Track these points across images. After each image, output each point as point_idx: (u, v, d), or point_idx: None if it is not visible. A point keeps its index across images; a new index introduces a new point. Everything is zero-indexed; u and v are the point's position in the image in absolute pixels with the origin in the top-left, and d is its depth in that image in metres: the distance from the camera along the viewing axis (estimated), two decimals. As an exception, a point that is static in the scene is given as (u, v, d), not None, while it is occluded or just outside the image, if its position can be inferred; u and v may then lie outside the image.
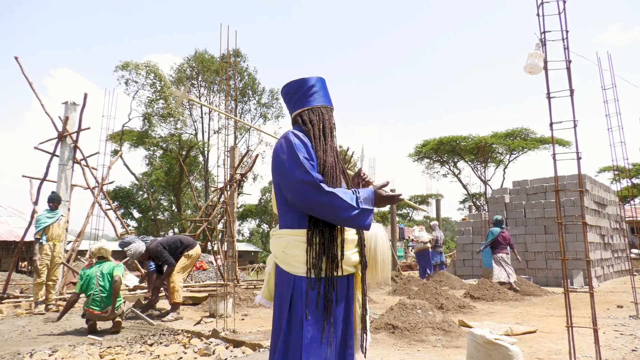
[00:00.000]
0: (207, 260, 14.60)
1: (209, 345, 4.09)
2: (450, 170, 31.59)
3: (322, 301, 1.75)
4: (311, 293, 1.76)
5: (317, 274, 1.77)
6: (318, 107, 2.01)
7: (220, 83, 9.14)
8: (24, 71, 8.25)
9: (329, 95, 2.08)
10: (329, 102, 2.06)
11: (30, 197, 8.29)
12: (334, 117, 2.06)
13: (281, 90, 2.11)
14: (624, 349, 4.07)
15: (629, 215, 17.47)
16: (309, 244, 1.79)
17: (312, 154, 1.84)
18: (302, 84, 2.04)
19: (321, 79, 2.08)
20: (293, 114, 2.04)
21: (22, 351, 4.01)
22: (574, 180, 11.18)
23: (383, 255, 2.09)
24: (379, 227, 2.12)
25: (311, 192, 1.72)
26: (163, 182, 31.84)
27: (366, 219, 1.76)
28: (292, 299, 1.78)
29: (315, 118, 1.97)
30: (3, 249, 18.97)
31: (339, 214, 1.72)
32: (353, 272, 1.90)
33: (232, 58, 22.36)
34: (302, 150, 1.81)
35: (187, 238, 6.44)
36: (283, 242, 1.86)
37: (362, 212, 1.74)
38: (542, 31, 3.29)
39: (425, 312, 4.90)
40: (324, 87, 2.07)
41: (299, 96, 2.03)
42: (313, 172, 1.75)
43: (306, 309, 1.74)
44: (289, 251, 1.84)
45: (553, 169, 3.20)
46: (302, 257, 1.79)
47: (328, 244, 1.80)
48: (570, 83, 3.16)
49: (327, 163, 1.85)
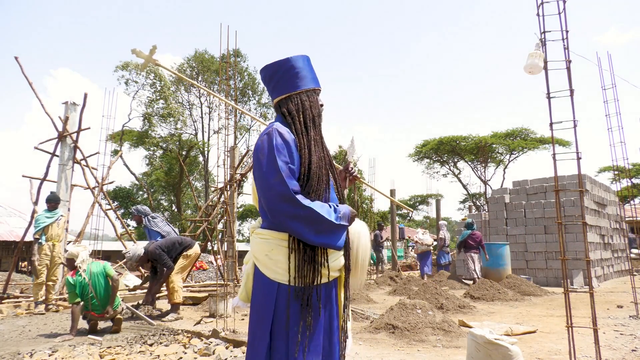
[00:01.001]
0: (207, 260, 14.60)
1: (209, 345, 4.09)
2: (450, 170, 31.60)
3: (307, 311, 1.67)
4: (295, 303, 1.67)
5: (301, 283, 1.68)
6: (297, 93, 1.84)
7: (220, 83, 9.13)
8: (24, 71, 8.25)
9: (312, 75, 1.89)
10: (312, 83, 1.88)
11: (30, 197, 8.29)
12: (319, 100, 1.90)
13: (260, 74, 1.94)
14: (624, 349, 4.07)
15: (629, 215, 17.47)
16: (292, 250, 1.69)
17: (294, 155, 1.72)
18: (279, 66, 1.86)
19: (302, 57, 1.89)
20: (273, 101, 1.90)
21: (22, 351, 4.01)
22: (574, 180, 11.18)
23: (364, 255, 1.96)
24: (362, 225, 2.00)
25: (284, 204, 1.63)
26: (163, 182, 31.84)
27: (339, 238, 1.71)
28: (275, 309, 1.68)
29: (295, 108, 1.82)
30: (3, 249, 18.97)
31: (313, 228, 1.65)
32: (338, 276, 1.83)
33: (232, 58, 22.36)
34: (282, 152, 1.69)
35: (185, 238, 6.44)
36: (268, 245, 1.74)
37: (338, 227, 1.69)
38: (542, 31, 3.29)
39: (425, 312, 4.90)
40: (306, 66, 1.88)
41: (276, 81, 1.87)
42: (291, 180, 1.65)
43: (287, 320, 1.66)
44: (273, 256, 1.73)
45: (553, 169, 3.20)
46: (286, 263, 1.70)
47: (311, 251, 1.70)
48: (570, 83, 3.16)
49: (313, 163, 1.73)
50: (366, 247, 1.97)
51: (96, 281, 4.86)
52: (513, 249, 11.24)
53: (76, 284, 4.75)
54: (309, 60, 1.91)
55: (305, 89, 1.86)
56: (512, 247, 11.20)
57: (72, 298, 4.74)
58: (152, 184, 32.85)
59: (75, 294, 4.74)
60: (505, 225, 11.92)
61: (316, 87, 1.90)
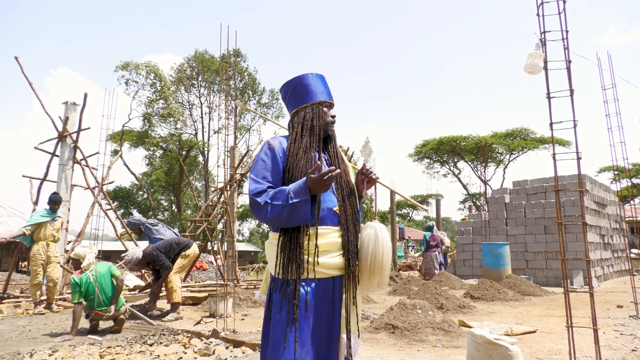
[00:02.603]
0: (207, 260, 14.61)
1: (209, 345, 4.09)
2: (450, 170, 31.61)
3: (286, 304, 1.74)
4: (277, 295, 1.78)
5: (285, 276, 1.77)
6: (303, 107, 1.95)
7: (220, 83, 9.13)
8: (24, 71, 8.25)
9: (322, 89, 1.98)
10: (320, 96, 1.96)
11: (30, 197, 8.29)
12: (325, 111, 1.95)
13: (280, 93, 2.11)
14: (624, 349, 4.07)
15: (629, 215, 17.46)
16: (278, 247, 1.82)
17: (279, 162, 1.84)
18: (290, 84, 2.00)
19: (314, 74, 1.98)
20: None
21: (22, 351, 4.01)
22: (574, 180, 11.18)
23: (379, 256, 1.87)
24: (379, 227, 1.91)
25: (251, 201, 1.77)
26: (163, 182, 31.87)
27: (302, 213, 1.71)
28: (270, 300, 1.84)
29: (298, 120, 1.93)
30: (3, 249, 18.97)
31: (266, 215, 1.73)
32: (338, 275, 1.84)
33: (232, 58, 22.36)
34: (267, 158, 1.85)
35: (182, 239, 6.44)
36: (267, 244, 1.94)
37: (293, 207, 1.70)
38: (542, 31, 3.29)
39: (425, 312, 4.90)
40: (315, 82, 1.97)
41: (289, 97, 2.01)
42: (260, 182, 1.78)
43: (269, 311, 1.80)
44: (269, 253, 1.91)
45: (553, 169, 3.20)
46: (274, 259, 1.83)
47: (294, 248, 1.77)
48: (570, 83, 3.15)
49: (296, 168, 1.82)
50: (381, 248, 1.87)
51: (102, 281, 4.87)
52: (513, 249, 11.24)
53: (82, 284, 4.73)
54: (321, 77, 2.01)
55: (311, 103, 1.95)
56: (512, 247, 11.20)
57: (75, 297, 4.71)
58: (152, 184, 32.87)
59: (79, 293, 4.71)
60: (505, 225, 11.92)
61: (324, 99, 1.96)
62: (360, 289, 1.92)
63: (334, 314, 1.81)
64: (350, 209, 1.91)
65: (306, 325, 1.74)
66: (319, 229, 1.81)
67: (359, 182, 2.01)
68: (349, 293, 1.83)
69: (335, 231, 1.85)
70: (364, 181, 1.98)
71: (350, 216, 1.90)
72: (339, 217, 1.87)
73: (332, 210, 1.86)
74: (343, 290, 1.84)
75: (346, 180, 1.97)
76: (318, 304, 1.78)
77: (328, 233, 1.83)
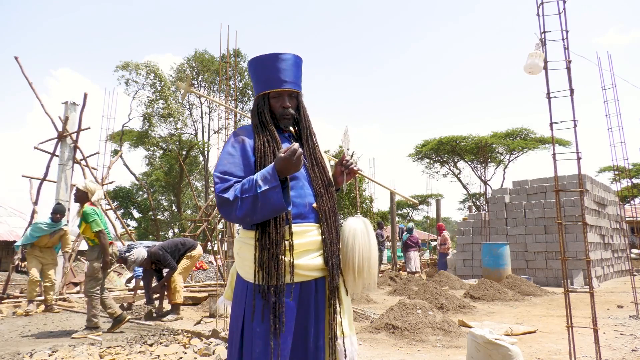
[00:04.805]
0: (207, 260, 14.60)
1: (209, 345, 4.10)
2: (450, 170, 31.59)
3: (268, 312, 1.58)
4: (258, 303, 1.60)
5: (266, 282, 1.60)
6: (255, 97, 1.86)
7: (220, 83, 9.12)
8: (24, 71, 8.25)
9: (273, 76, 1.79)
10: (266, 86, 1.80)
11: (30, 197, 8.29)
12: (273, 103, 1.81)
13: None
14: (624, 349, 4.07)
15: (629, 215, 17.46)
16: (256, 247, 1.64)
17: (249, 154, 1.72)
18: (249, 69, 1.89)
19: (269, 57, 1.80)
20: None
21: (22, 351, 4.01)
22: (574, 180, 11.18)
23: (363, 255, 1.74)
24: (359, 221, 1.81)
25: (219, 200, 1.62)
26: (163, 182, 31.86)
27: (273, 200, 1.55)
28: (245, 306, 1.64)
29: (253, 112, 1.86)
30: (3, 249, 18.97)
31: (237, 212, 1.57)
32: (320, 277, 1.70)
33: (232, 58, 22.36)
34: (234, 151, 1.72)
35: (187, 240, 6.49)
36: (238, 243, 1.74)
37: (263, 195, 1.54)
38: (542, 31, 3.29)
39: (425, 312, 4.90)
40: (266, 67, 1.80)
41: (253, 82, 1.88)
42: (227, 179, 1.64)
43: (252, 317, 1.61)
44: (242, 254, 1.72)
45: (553, 169, 3.20)
46: (252, 261, 1.65)
47: (275, 248, 1.61)
48: (570, 83, 3.16)
49: (263, 163, 1.70)
50: (365, 246, 1.76)
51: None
52: (513, 249, 11.23)
53: (99, 213, 4.65)
54: (276, 59, 1.79)
55: (256, 95, 1.86)
56: (512, 247, 11.20)
57: (96, 225, 4.61)
58: (152, 184, 32.88)
59: (99, 221, 4.61)
60: (505, 225, 11.92)
61: (269, 90, 1.80)
62: (348, 290, 1.79)
63: (318, 319, 1.68)
64: (330, 204, 1.77)
65: (289, 337, 1.61)
66: (299, 227, 1.68)
67: (337, 174, 1.91)
68: (333, 295, 1.70)
69: (315, 228, 1.72)
70: (343, 172, 1.89)
71: (330, 211, 1.76)
72: (317, 213, 1.73)
73: (311, 205, 1.73)
74: (327, 293, 1.70)
75: (323, 172, 1.82)
76: (300, 309, 1.65)
77: (308, 231, 1.70)
